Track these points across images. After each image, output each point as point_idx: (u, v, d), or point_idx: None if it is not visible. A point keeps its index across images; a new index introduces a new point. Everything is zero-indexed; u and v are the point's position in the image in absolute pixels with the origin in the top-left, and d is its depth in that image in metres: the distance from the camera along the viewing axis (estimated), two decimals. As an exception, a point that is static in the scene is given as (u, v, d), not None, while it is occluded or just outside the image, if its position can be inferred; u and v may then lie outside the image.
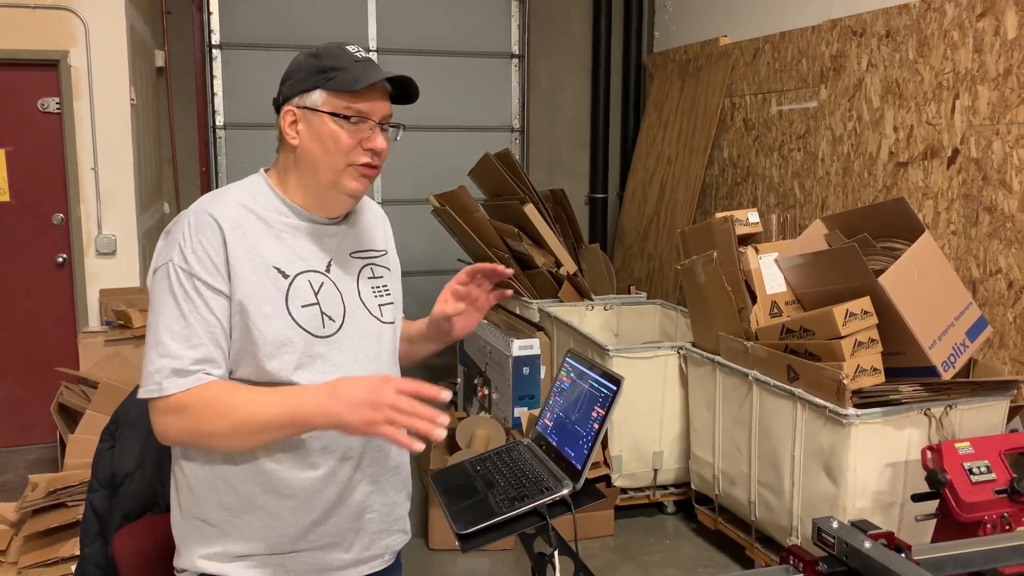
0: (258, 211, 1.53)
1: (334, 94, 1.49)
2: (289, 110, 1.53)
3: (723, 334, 3.65)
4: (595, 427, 1.52)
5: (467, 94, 6.72)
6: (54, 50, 4.64)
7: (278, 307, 1.48)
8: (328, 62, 1.50)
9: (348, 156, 1.51)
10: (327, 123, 1.50)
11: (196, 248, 1.45)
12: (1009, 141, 3.64)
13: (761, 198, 5.43)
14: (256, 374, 1.48)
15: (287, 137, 1.54)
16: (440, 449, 4.01)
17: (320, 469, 1.53)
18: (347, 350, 1.55)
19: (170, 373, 1.42)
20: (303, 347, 1.49)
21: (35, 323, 4.88)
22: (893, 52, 4.28)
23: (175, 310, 1.44)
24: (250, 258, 1.48)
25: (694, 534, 4.04)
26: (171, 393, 1.42)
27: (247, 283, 1.47)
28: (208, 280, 1.45)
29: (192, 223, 1.48)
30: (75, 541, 3.09)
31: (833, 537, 1.47)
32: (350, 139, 1.50)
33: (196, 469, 1.53)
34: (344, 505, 1.57)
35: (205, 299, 1.45)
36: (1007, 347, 3.65)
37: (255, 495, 1.52)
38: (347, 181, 1.53)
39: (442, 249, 6.23)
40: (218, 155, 6.33)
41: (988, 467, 2.62)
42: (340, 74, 1.49)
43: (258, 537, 1.53)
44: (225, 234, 1.46)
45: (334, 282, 1.56)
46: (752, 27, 5.54)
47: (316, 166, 1.52)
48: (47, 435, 4.74)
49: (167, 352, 1.43)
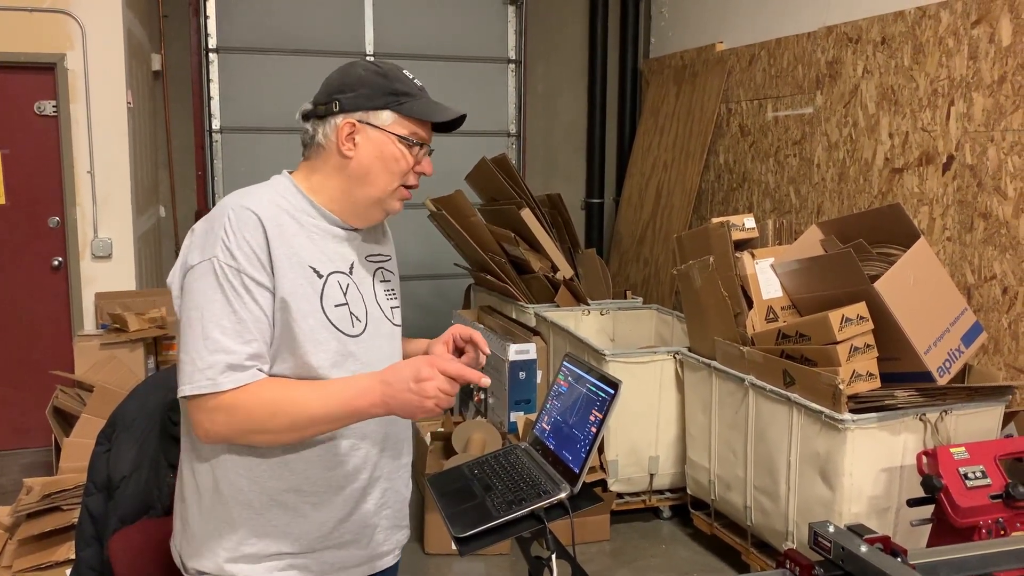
0: (290, 211, 1.54)
1: (406, 118, 1.55)
2: (349, 122, 1.54)
3: (719, 339, 3.66)
4: (593, 431, 1.52)
5: (464, 99, 6.72)
6: (51, 53, 4.64)
7: (314, 306, 1.50)
8: (398, 85, 1.56)
9: (403, 177, 1.58)
10: (392, 145, 1.55)
11: (241, 244, 1.44)
12: (1004, 148, 3.66)
13: (757, 203, 5.44)
14: (294, 369, 1.49)
15: (342, 147, 1.54)
16: (436, 453, 4.01)
17: (344, 467, 1.55)
18: (372, 351, 1.58)
19: (225, 368, 1.41)
20: (337, 346, 1.52)
21: (30, 326, 4.87)
22: (888, 59, 4.30)
23: (225, 305, 1.43)
24: (288, 256, 1.49)
25: (690, 539, 4.04)
26: (227, 389, 1.41)
27: (287, 280, 1.48)
28: (255, 276, 1.45)
29: (233, 218, 1.46)
30: (70, 545, 3.07)
31: (829, 541, 1.47)
32: (408, 163, 1.57)
33: (215, 470, 1.53)
34: (365, 501, 1.60)
35: (253, 295, 1.45)
36: (1002, 353, 3.66)
37: (278, 492, 1.52)
38: (393, 200, 1.59)
39: (438, 254, 6.24)
40: (214, 159, 6.33)
41: (983, 472, 2.63)
42: (411, 101, 1.55)
43: (283, 535, 1.53)
44: (267, 230, 1.47)
45: (356, 284, 1.59)
46: (748, 33, 5.56)
47: (369, 181, 1.56)
48: (42, 439, 4.72)
49: (220, 347, 1.41)
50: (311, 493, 1.54)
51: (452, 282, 6.52)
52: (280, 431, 1.45)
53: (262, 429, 1.44)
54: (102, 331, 4.53)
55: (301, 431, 1.46)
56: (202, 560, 1.56)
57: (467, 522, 1.48)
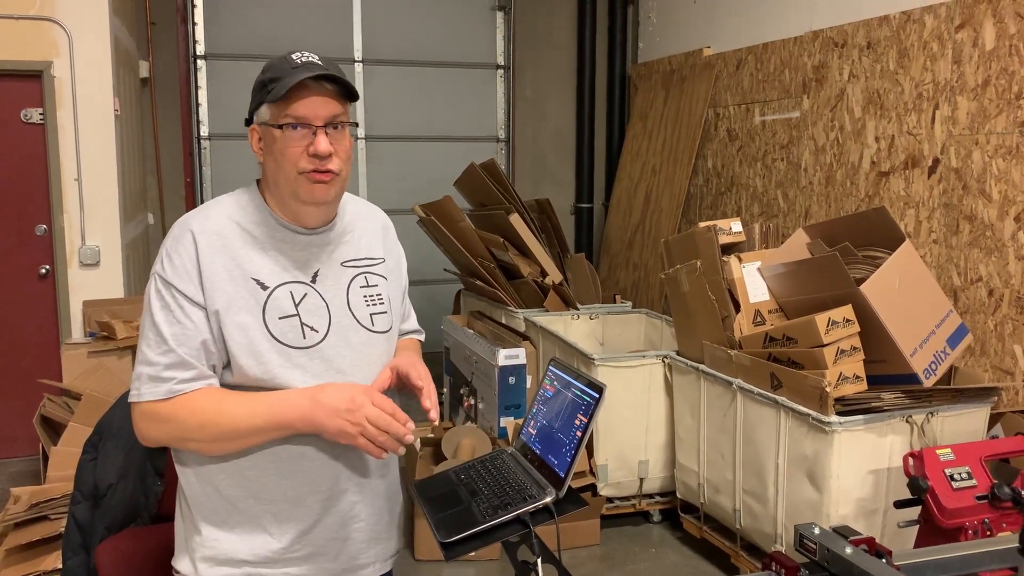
0: (244, 223, 1.55)
1: (272, 105, 1.51)
2: (253, 128, 1.57)
3: (707, 343, 3.67)
4: (578, 435, 1.52)
5: (452, 104, 6.74)
6: (38, 60, 4.62)
7: (255, 318, 1.51)
8: (268, 75, 1.52)
9: (297, 164, 1.51)
10: (275, 135, 1.52)
11: (174, 258, 1.51)
12: (988, 151, 3.69)
13: (745, 207, 5.47)
14: (239, 380, 1.52)
15: (257, 155, 1.58)
16: (426, 459, 4.01)
17: (299, 476, 1.54)
18: (330, 360, 1.56)
19: (147, 380, 1.48)
20: (278, 359, 1.51)
21: (17, 335, 4.84)
22: (874, 63, 4.33)
23: (151, 318, 1.50)
24: (228, 269, 1.51)
25: (680, 543, 4.05)
26: (148, 400, 1.48)
27: (223, 294, 1.50)
28: (184, 290, 1.49)
29: (173, 235, 1.54)
30: (57, 554, 3.06)
31: (815, 543, 1.48)
32: (295, 147, 1.50)
33: (188, 474, 1.57)
34: (329, 514, 1.58)
35: (181, 306, 1.49)
36: (988, 354, 3.68)
37: (239, 499, 1.54)
38: (302, 190, 1.53)
39: (428, 259, 6.24)
40: (203, 166, 6.32)
41: (969, 473, 2.64)
42: (275, 85, 1.49)
43: (242, 540, 1.54)
44: (199, 246, 1.50)
45: (320, 292, 1.57)
46: (735, 38, 5.59)
47: (276, 180, 1.55)
48: (29, 447, 4.69)
49: (144, 359, 1.49)
50: (269, 502, 1.54)
51: (442, 287, 6.53)
52: (210, 440, 1.49)
53: (192, 438, 1.50)
54: (90, 339, 4.51)
55: (230, 441, 1.49)
56: (179, 560, 1.60)
57: (453, 527, 1.48)
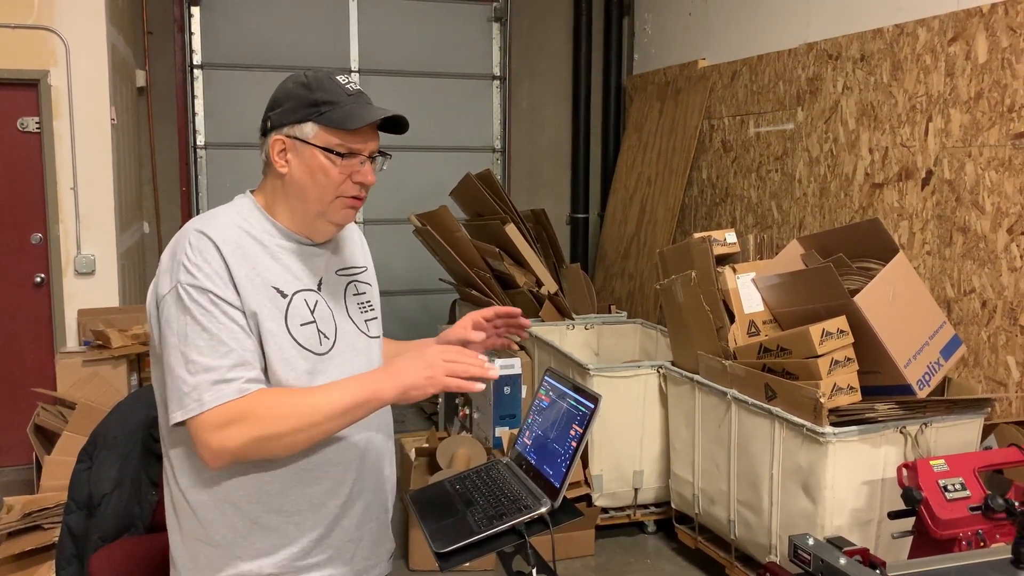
0: (252, 232, 1.54)
1: (327, 129, 1.50)
2: (279, 139, 1.53)
3: (702, 353, 3.68)
4: (573, 445, 1.53)
5: (449, 115, 6.76)
6: (34, 69, 4.63)
7: (280, 325, 1.50)
8: (320, 95, 1.50)
9: (338, 189, 1.52)
10: (318, 157, 1.50)
11: (202, 265, 1.45)
12: (981, 163, 3.71)
13: (740, 218, 5.48)
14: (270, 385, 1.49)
15: (276, 165, 1.54)
16: (421, 469, 4.00)
17: (324, 482, 1.54)
18: (341, 366, 1.56)
19: (210, 386, 1.41)
20: (305, 364, 1.51)
21: (12, 343, 4.83)
22: (868, 75, 4.35)
23: (195, 326, 1.43)
24: (250, 278, 1.49)
25: (675, 553, 4.04)
26: (215, 404, 1.40)
27: (252, 300, 1.48)
28: (220, 293, 1.45)
29: (193, 243, 1.47)
30: (51, 564, 3.05)
31: (809, 554, 1.49)
32: (340, 173, 1.52)
33: (198, 492, 1.51)
34: (346, 516, 1.59)
35: (225, 311, 1.44)
36: (981, 366, 3.70)
37: (259, 514, 1.51)
38: (335, 212, 1.55)
39: (423, 269, 6.24)
40: (199, 175, 6.32)
41: (963, 484, 2.65)
42: (333, 109, 1.49)
43: (265, 555, 1.52)
44: (224, 253, 1.47)
45: (326, 300, 1.58)
46: (730, 50, 5.62)
47: (304, 196, 1.53)
48: (23, 456, 4.67)
49: (200, 368, 1.41)
50: (293, 512, 1.53)
51: (437, 297, 6.53)
52: (294, 432, 1.42)
53: (274, 433, 1.41)
54: (85, 348, 4.50)
55: (316, 428, 1.43)
56: None
57: (448, 537, 1.48)
